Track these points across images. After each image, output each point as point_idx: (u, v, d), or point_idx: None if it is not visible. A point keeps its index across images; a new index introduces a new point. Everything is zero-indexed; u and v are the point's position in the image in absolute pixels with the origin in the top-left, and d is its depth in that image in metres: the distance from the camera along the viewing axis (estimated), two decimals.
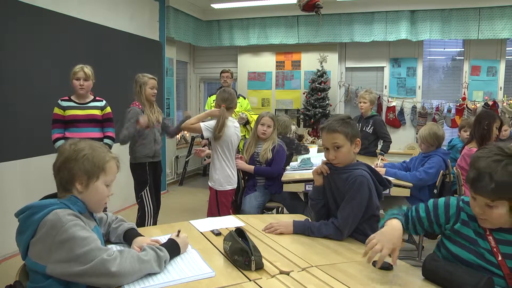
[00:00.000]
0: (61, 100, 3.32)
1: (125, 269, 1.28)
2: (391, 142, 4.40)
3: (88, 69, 3.32)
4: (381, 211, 2.19)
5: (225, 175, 3.11)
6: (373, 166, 3.62)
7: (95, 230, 1.45)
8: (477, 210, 1.31)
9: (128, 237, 1.63)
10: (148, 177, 3.46)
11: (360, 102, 4.45)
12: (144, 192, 3.44)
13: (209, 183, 3.19)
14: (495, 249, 1.32)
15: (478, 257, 1.35)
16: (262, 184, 3.53)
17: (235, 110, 3.55)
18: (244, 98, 5.45)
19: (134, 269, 1.30)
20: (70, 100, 3.34)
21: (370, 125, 4.38)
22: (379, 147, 4.49)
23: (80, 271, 1.24)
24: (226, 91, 3.15)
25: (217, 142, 3.06)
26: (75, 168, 1.39)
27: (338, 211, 1.87)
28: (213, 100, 3.89)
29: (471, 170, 1.30)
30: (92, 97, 3.45)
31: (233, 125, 3.13)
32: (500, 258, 1.31)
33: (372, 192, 1.85)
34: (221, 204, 3.13)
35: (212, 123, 3.02)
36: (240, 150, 4.05)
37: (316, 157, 3.79)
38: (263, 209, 3.51)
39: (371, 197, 1.85)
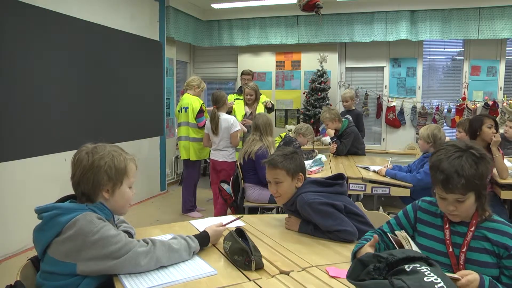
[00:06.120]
0: None
1: (153, 261, 1.38)
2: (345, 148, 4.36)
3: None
4: (381, 211, 2.19)
5: None
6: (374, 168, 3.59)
7: None
8: (450, 208, 1.39)
9: None
10: None
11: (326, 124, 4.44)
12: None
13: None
14: (448, 241, 1.44)
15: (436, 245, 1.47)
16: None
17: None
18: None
19: (163, 258, 1.41)
20: None
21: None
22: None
23: (113, 265, 1.33)
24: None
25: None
26: (98, 178, 1.40)
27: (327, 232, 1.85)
28: (234, 99, 4.99)
29: (437, 173, 1.37)
30: None
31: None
32: (450, 250, 1.43)
33: (325, 199, 1.85)
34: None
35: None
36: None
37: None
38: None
39: (328, 202, 1.84)
